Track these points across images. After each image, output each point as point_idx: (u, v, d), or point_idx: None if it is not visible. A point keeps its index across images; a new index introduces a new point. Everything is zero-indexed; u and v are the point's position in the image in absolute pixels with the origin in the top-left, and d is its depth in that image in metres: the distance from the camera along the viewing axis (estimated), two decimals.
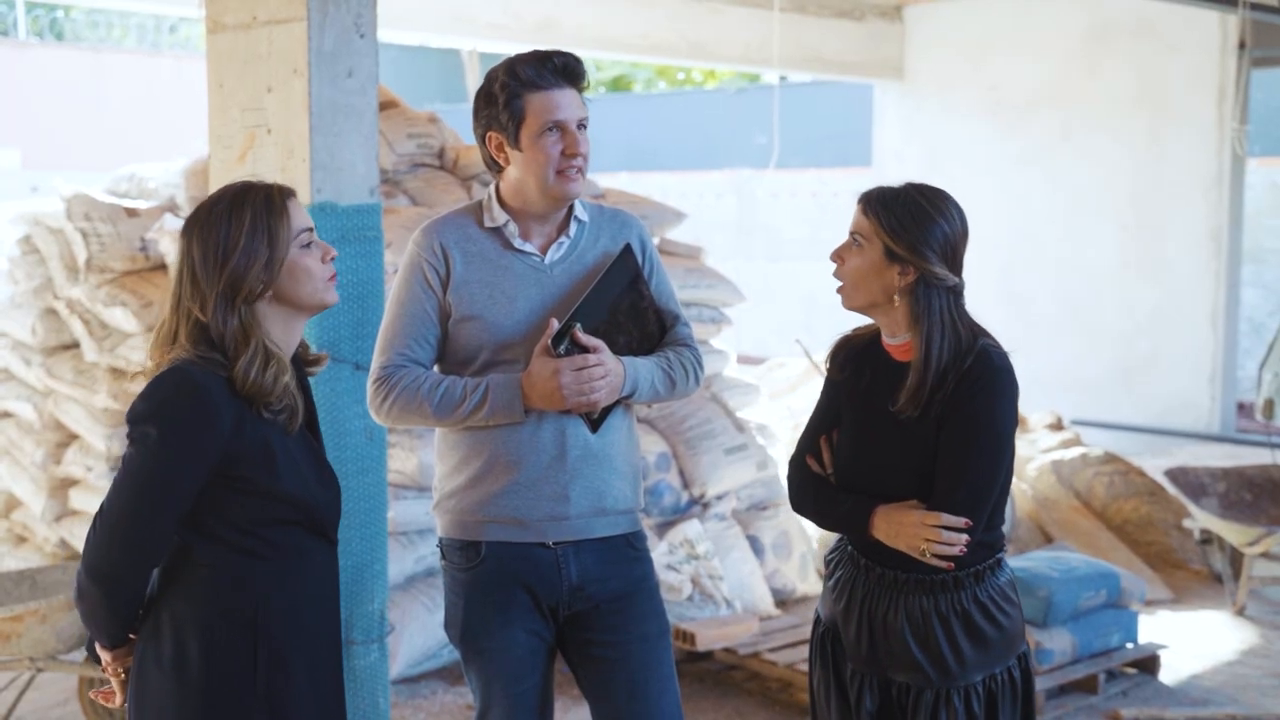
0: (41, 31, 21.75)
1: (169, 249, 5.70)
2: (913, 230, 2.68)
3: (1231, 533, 6.16)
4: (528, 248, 2.85)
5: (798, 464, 2.90)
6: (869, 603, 2.80)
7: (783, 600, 6.08)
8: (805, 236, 16.24)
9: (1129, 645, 5.35)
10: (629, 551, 2.90)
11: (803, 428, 2.97)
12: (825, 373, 2.91)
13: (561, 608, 2.84)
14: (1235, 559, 6.29)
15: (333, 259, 2.48)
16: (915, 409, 2.68)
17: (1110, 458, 7.48)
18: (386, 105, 6.13)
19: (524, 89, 2.78)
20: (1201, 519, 6.36)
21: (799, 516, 5.99)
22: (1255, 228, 12.27)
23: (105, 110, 19.72)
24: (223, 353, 2.35)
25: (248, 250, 2.36)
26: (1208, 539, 6.47)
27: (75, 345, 6.10)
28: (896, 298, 2.71)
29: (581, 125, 2.81)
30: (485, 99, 2.82)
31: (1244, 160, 9.79)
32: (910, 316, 2.71)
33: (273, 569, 2.41)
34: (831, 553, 2.96)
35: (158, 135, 17.94)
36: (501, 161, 2.84)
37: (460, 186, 6.03)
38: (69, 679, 4.89)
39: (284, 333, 2.44)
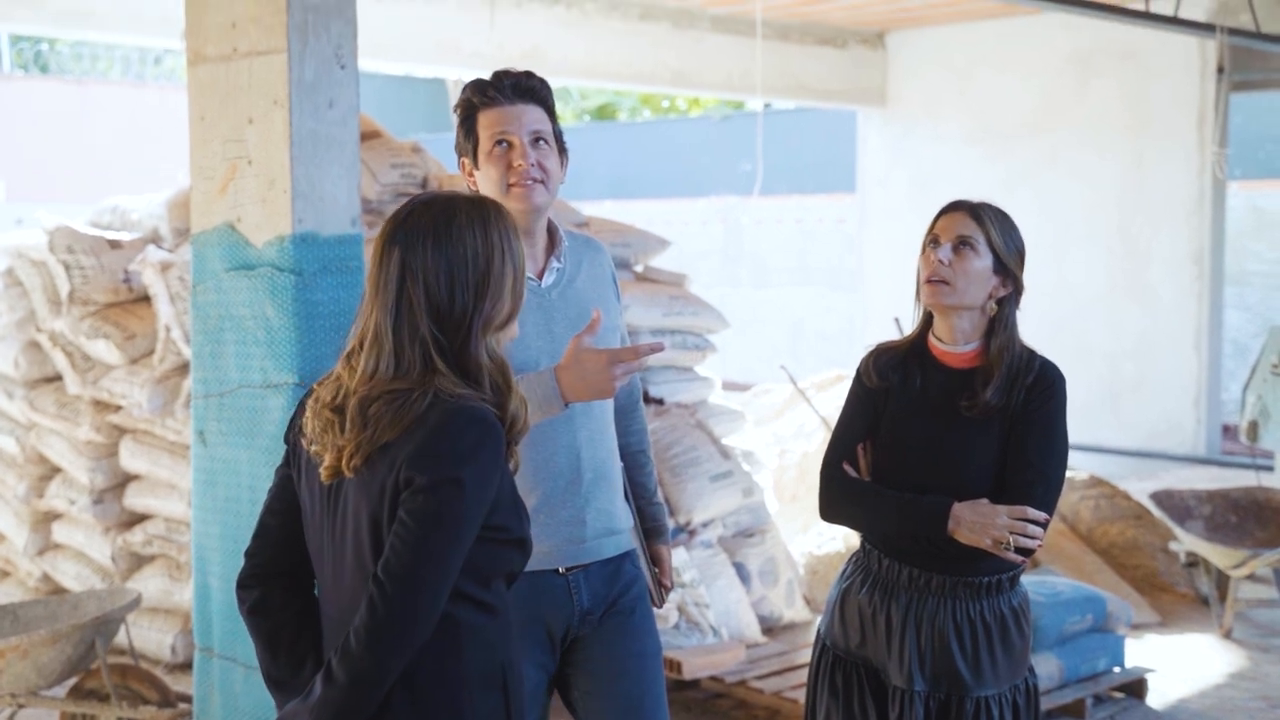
0: (26, 64, 21.76)
1: (152, 280, 5.69)
2: (1016, 249, 2.92)
3: (1217, 555, 6.16)
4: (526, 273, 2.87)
5: (834, 471, 2.95)
6: (914, 611, 2.88)
7: (769, 627, 6.06)
8: (790, 263, 16.27)
9: (1116, 669, 5.35)
10: (629, 570, 2.92)
11: (831, 438, 3.04)
12: (863, 382, 2.99)
13: (569, 634, 2.83)
14: (1221, 582, 6.29)
15: None
16: (989, 411, 2.84)
17: (1096, 481, 7.49)
18: (370, 135, 6.14)
19: (476, 109, 2.82)
20: (1187, 542, 6.36)
21: (786, 543, 5.97)
22: (1237, 250, 12.32)
23: (90, 142, 19.71)
24: (475, 385, 2.12)
25: (501, 270, 2.15)
26: (1194, 562, 6.48)
27: (58, 378, 6.08)
28: (990, 305, 2.89)
29: (539, 139, 2.81)
30: (457, 125, 2.88)
31: (1224, 183, 9.85)
32: (988, 325, 2.90)
33: (504, 625, 2.20)
34: (850, 574, 2.98)
35: (142, 167, 17.93)
36: (471, 185, 2.86)
37: None
38: (51, 714, 4.85)
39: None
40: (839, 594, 3.02)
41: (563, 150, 2.90)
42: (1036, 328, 3.01)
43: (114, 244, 6.05)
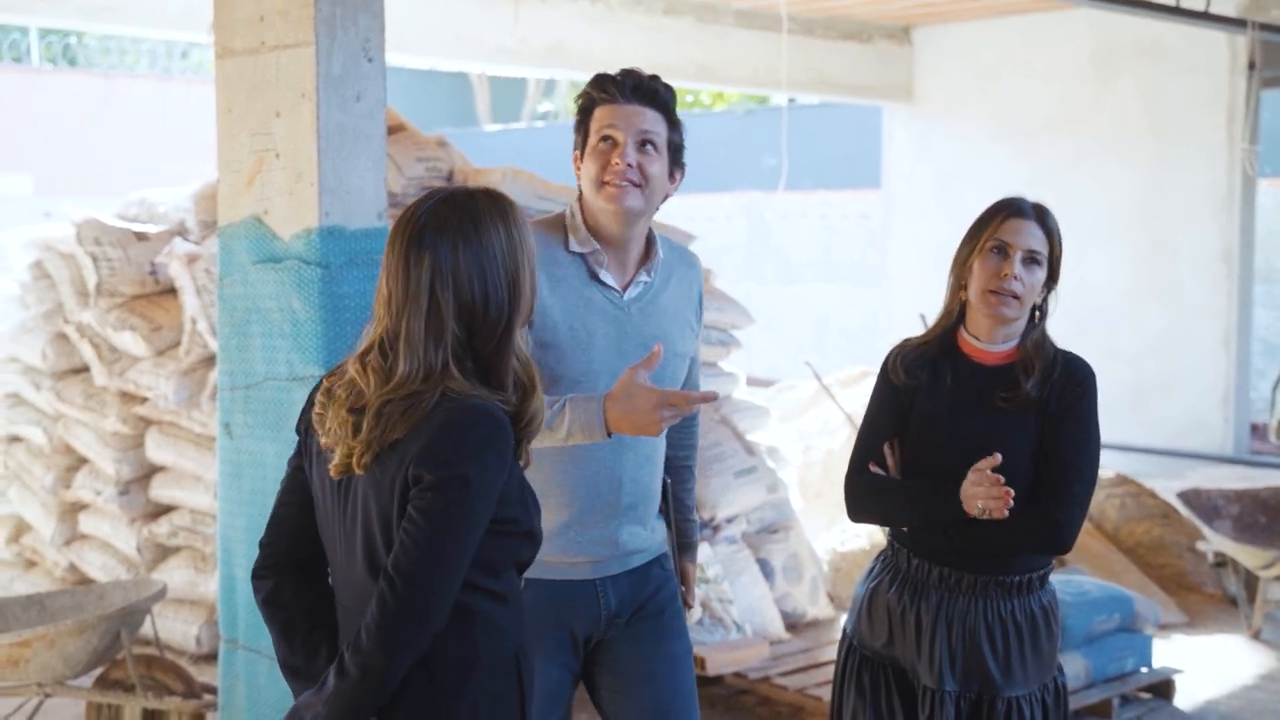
0: (55, 57, 21.87)
1: (178, 273, 5.70)
2: (1061, 251, 2.93)
3: (1246, 555, 6.12)
4: (610, 281, 2.78)
5: (860, 472, 2.94)
6: (945, 610, 2.86)
7: (793, 624, 6.05)
8: (815, 259, 16.22)
9: (1143, 670, 5.31)
10: (659, 572, 2.90)
11: (856, 438, 3.02)
12: (889, 379, 2.96)
13: (596, 637, 2.82)
14: (1250, 582, 6.25)
15: None
16: (1028, 404, 2.83)
17: (1122, 480, 7.44)
18: (395, 129, 6.14)
19: (593, 103, 2.76)
20: (1215, 542, 6.32)
21: (810, 540, 5.95)
22: (1267, 248, 12.23)
23: (117, 135, 19.81)
24: (497, 386, 2.15)
25: (524, 267, 2.16)
26: (1222, 562, 6.43)
27: (85, 369, 6.11)
28: (1035, 310, 2.90)
29: (647, 142, 2.72)
30: (576, 117, 2.83)
31: (1255, 181, 9.76)
32: (1027, 324, 2.90)
33: (516, 612, 2.22)
34: (878, 573, 2.97)
35: (169, 160, 18.01)
36: (578, 177, 2.81)
37: None
38: (77, 704, 4.88)
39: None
40: (866, 592, 3.00)
41: (677, 162, 2.81)
42: (1061, 327, 2.97)
43: (141, 236, 6.07)
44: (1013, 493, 2.69)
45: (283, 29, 3.88)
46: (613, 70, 2.79)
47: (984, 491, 2.70)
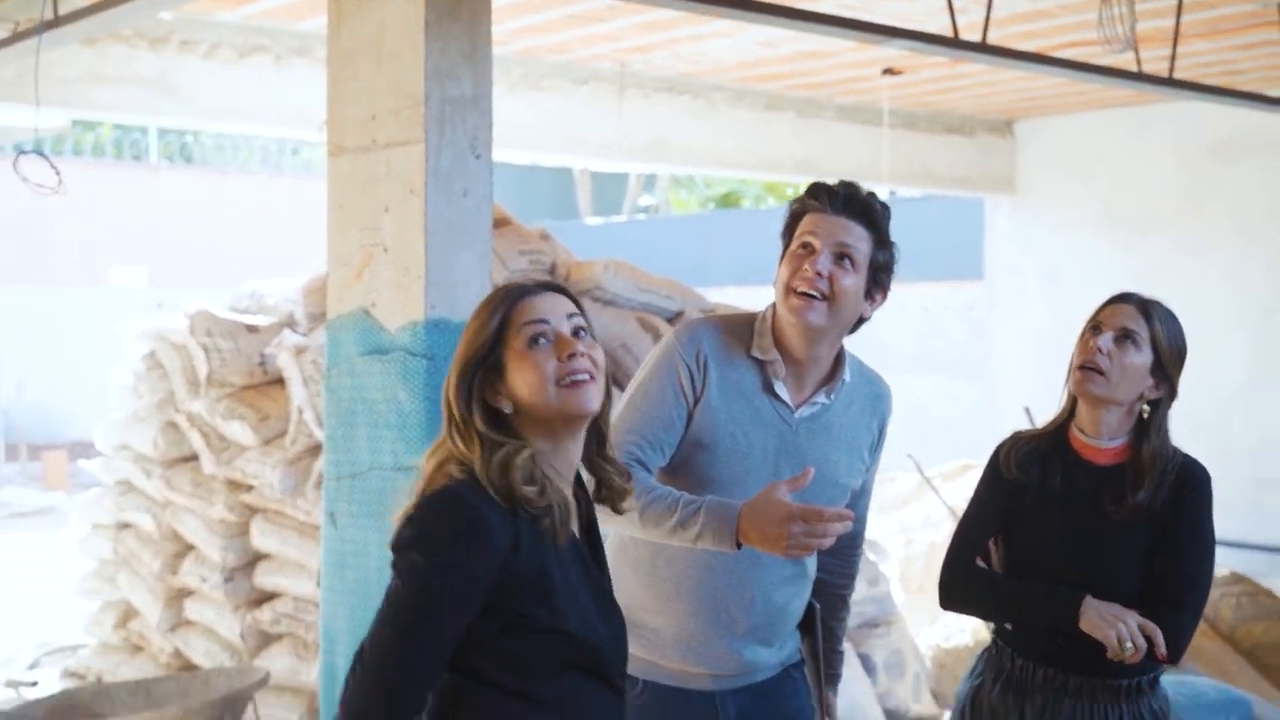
0: (172, 155, 22.61)
1: (287, 364, 5.82)
2: (1178, 351, 2.84)
3: None
4: (784, 395, 2.67)
5: (963, 562, 2.88)
6: (1050, 713, 2.80)
7: None
8: (914, 350, 16.11)
9: None
10: (789, 683, 2.80)
11: (958, 526, 2.96)
12: (999, 472, 2.90)
13: None
14: None
15: (576, 356, 2.11)
16: (1137, 514, 2.75)
17: (1238, 578, 7.23)
18: (499, 222, 6.23)
19: (803, 210, 2.68)
20: None
21: (912, 635, 5.85)
22: None
23: (229, 229, 20.37)
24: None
25: (474, 342, 2.14)
26: None
27: (194, 458, 6.22)
28: (1142, 406, 2.82)
29: (845, 256, 2.59)
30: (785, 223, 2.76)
31: None
32: (1139, 425, 2.82)
33: (544, 717, 2.10)
34: (981, 672, 2.91)
35: (278, 253, 18.46)
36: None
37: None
38: None
39: (548, 447, 2.14)
40: (970, 691, 2.94)
41: (878, 283, 2.66)
42: (1177, 421, 2.90)
43: (251, 329, 6.20)
44: (1157, 634, 2.63)
45: (393, 127, 3.98)
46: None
47: (1129, 632, 2.61)
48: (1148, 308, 2.81)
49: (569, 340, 2.11)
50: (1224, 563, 8.23)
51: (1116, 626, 2.62)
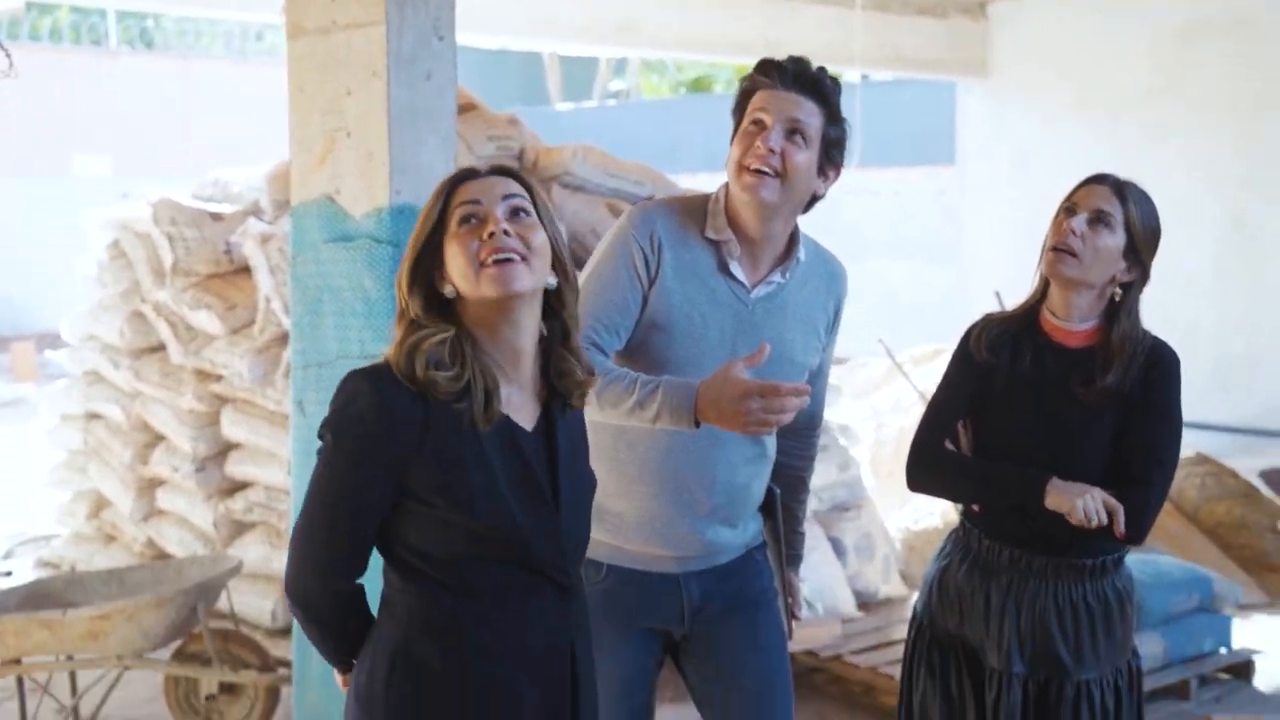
0: (132, 40, 22.17)
1: (253, 252, 5.76)
2: (1152, 234, 2.80)
3: None
4: (739, 274, 2.65)
5: (931, 444, 2.88)
6: (1015, 593, 2.82)
7: (865, 602, 6.02)
8: (886, 236, 16.09)
9: (1222, 650, 5.23)
10: (752, 565, 2.81)
11: (927, 409, 2.96)
12: (970, 354, 2.89)
13: (682, 629, 2.75)
14: None
15: (496, 234, 2.06)
16: (1105, 396, 2.76)
17: (1202, 459, 7.32)
18: (466, 108, 6.15)
19: (755, 86, 2.63)
20: None
21: (882, 518, 5.91)
22: None
23: (193, 117, 20.06)
24: None
25: (420, 227, 2.13)
26: None
27: (162, 348, 6.19)
28: (1114, 290, 2.80)
29: (796, 131, 2.56)
30: (735, 101, 2.71)
31: None
32: (1110, 307, 2.80)
33: (470, 610, 2.08)
34: (949, 553, 2.93)
35: (244, 141, 18.22)
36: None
37: (540, 188, 6.03)
38: (155, 676, 4.96)
39: (484, 333, 2.11)
40: (937, 572, 2.97)
41: (831, 160, 2.64)
42: (1144, 305, 2.88)
43: (216, 216, 6.14)
44: (1120, 512, 2.63)
45: (354, 8, 3.89)
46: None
47: (1095, 507, 2.61)
48: (1123, 189, 2.78)
49: (493, 218, 2.08)
50: (1189, 444, 8.32)
51: (1082, 497, 2.63)
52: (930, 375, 7.46)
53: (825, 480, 6.04)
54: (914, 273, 15.71)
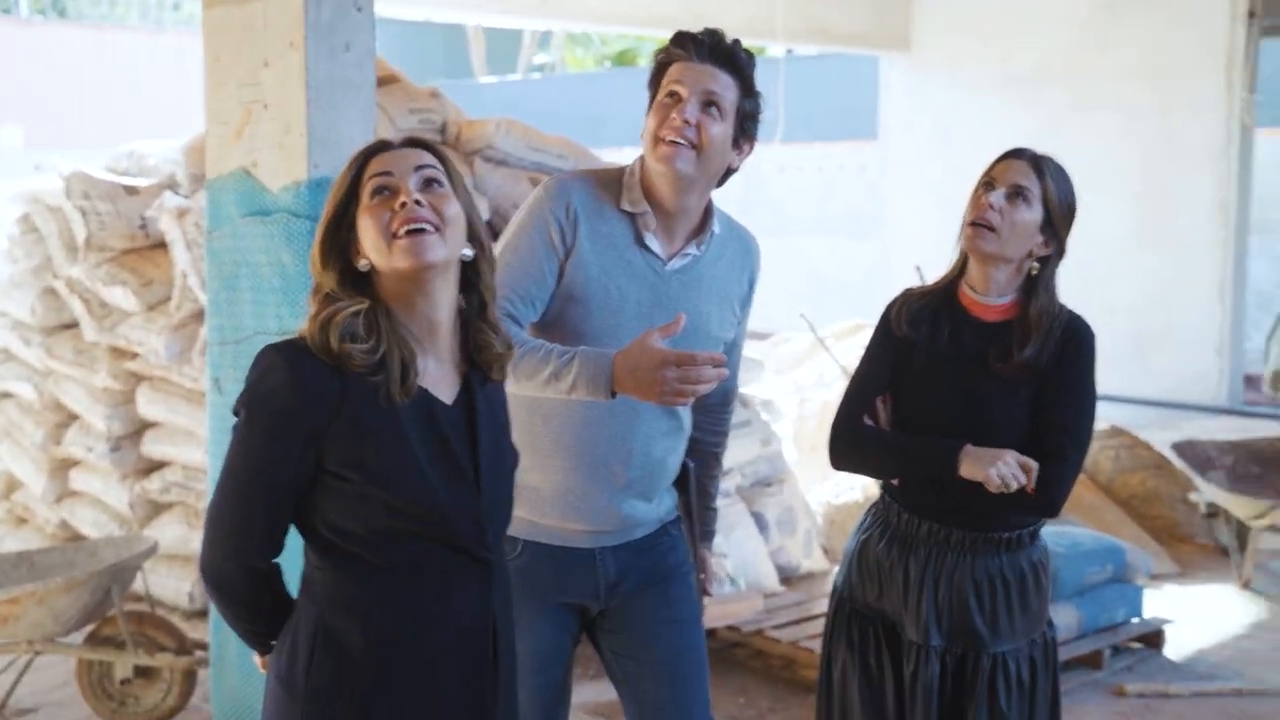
0: (44, 9, 21.71)
1: (169, 227, 5.66)
2: (1069, 209, 2.84)
3: (1238, 506, 6.12)
4: (655, 247, 2.66)
5: (851, 421, 2.89)
6: (933, 566, 2.85)
7: (787, 577, 6.06)
8: (810, 212, 16.16)
9: (1134, 620, 5.33)
10: (666, 539, 2.82)
11: (848, 386, 2.97)
12: (890, 329, 2.90)
13: (597, 605, 2.76)
14: (1242, 532, 6.26)
15: (407, 205, 2.05)
16: (1022, 370, 2.78)
17: (1116, 431, 7.44)
18: (387, 80, 6.08)
19: (670, 58, 2.63)
20: (1208, 492, 6.32)
21: (804, 493, 5.94)
22: (1265, 199, 12.18)
23: (107, 88, 19.69)
24: None
25: (332, 200, 2.12)
26: (1214, 512, 6.44)
27: (75, 325, 6.07)
28: (1031, 264, 2.82)
29: (712, 103, 2.57)
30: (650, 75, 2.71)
31: (1252, 131, 9.70)
32: (1027, 282, 2.83)
33: (390, 586, 2.08)
34: (868, 527, 2.95)
35: (160, 112, 17.92)
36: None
37: (463, 162, 5.98)
38: (68, 661, 4.87)
39: (399, 305, 2.09)
40: (857, 545, 2.99)
41: (745, 133, 2.65)
42: (1061, 278, 2.92)
43: (131, 190, 6.02)
44: (1035, 469, 2.66)
45: None
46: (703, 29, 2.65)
47: (1010, 471, 2.64)
48: (1040, 164, 2.81)
49: (404, 189, 2.07)
50: (1104, 416, 8.45)
51: (995, 464, 2.65)
52: (852, 350, 7.51)
53: (747, 455, 6.06)
54: (837, 248, 15.78)
